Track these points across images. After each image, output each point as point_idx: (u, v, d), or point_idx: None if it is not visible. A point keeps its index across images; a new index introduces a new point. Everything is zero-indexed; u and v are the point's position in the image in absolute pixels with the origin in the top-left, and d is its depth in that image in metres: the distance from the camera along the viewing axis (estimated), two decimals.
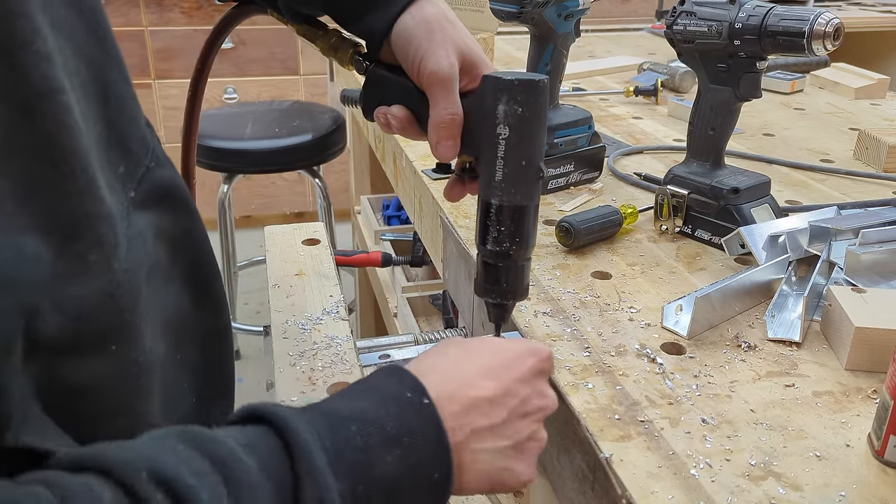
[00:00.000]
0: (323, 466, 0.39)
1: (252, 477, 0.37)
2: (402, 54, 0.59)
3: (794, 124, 1.33)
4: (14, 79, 0.35)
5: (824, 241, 0.75)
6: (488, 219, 0.59)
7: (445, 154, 0.59)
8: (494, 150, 0.57)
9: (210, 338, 0.57)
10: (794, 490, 0.49)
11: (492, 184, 0.58)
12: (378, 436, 0.42)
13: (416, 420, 0.44)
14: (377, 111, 0.63)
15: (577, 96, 1.49)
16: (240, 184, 2.92)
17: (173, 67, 3.00)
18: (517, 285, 0.61)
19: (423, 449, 0.43)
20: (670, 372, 0.61)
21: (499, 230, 0.58)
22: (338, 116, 1.99)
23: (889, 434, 0.50)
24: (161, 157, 0.52)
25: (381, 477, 0.41)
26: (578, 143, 0.98)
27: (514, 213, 0.58)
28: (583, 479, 0.55)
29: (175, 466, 0.35)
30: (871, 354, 0.61)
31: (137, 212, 0.46)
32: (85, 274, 0.38)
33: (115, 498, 0.33)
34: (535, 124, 0.57)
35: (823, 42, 0.71)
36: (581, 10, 0.91)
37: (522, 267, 0.61)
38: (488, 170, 0.58)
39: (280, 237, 1.01)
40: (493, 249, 0.59)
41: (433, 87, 0.58)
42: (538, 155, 0.58)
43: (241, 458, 0.38)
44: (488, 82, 0.57)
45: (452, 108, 0.58)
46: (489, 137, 0.57)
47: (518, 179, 0.57)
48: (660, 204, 0.86)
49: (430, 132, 0.59)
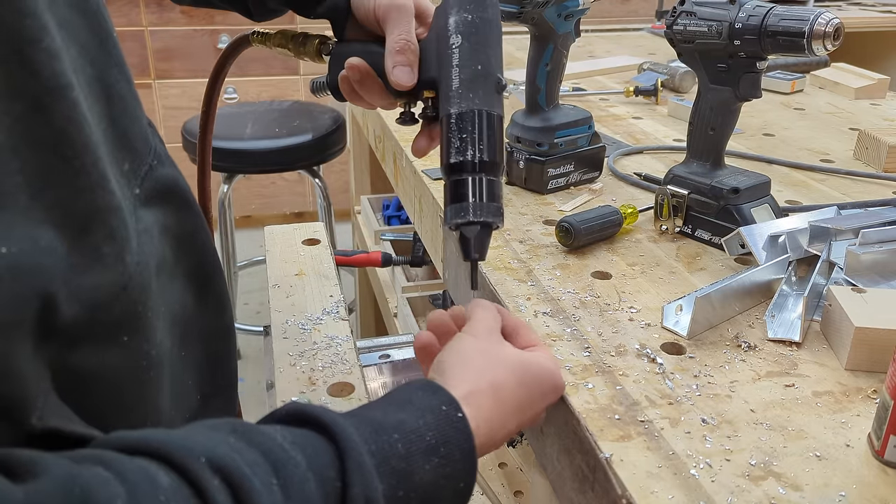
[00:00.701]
0: (370, 468, 0.41)
1: (300, 470, 0.38)
2: (361, 7, 0.61)
3: (794, 124, 1.33)
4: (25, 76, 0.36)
5: (824, 241, 0.75)
6: (450, 131, 0.56)
7: (402, 78, 0.59)
8: (450, 61, 0.57)
9: (213, 336, 0.57)
10: (794, 490, 0.49)
11: (449, 94, 0.57)
12: (418, 444, 0.44)
13: (452, 432, 0.46)
14: (339, 81, 0.63)
15: (577, 96, 1.49)
16: (240, 184, 2.92)
17: (173, 67, 3.00)
18: (489, 202, 0.55)
19: (458, 459, 0.46)
20: (670, 372, 0.61)
21: (461, 138, 0.55)
22: (338, 116, 1.99)
23: (889, 434, 0.50)
24: (163, 155, 0.53)
25: (418, 483, 0.43)
26: (578, 143, 0.98)
27: (476, 118, 0.55)
28: (583, 479, 0.55)
29: (230, 455, 0.36)
30: (871, 354, 0.61)
31: (143, 208, 0.47)
32: (98, 266, 0.39)
33: (174, 483, 0.34)
34: (486, 30, 0.57)
35: (823, 42, 0.71)
36: (581, 10, 0.91)
37: (492, 182, 0.56)
38: (446, 83, 0.57)
39: (280, 237, 1.01)
40: (456, 161, 0.55)
41: (388, 16, 0.59)
42: (495, 64, 0.57)
43: (289, 452, 0.39)
44: (439, 7, 0.59)
45: (406, 35, 0.59)
46: (445, 52, 0.57)
47: (475, 84, 0.56)
48: (660, 204, 0.86)
49: (387, 60, 0.59)
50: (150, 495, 0.33)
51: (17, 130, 0.35)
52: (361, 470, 0.41)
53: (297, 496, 0.38)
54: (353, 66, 0.60)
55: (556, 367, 0.56)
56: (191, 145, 1.80)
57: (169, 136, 3.04)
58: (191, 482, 0.35)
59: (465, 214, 0.56)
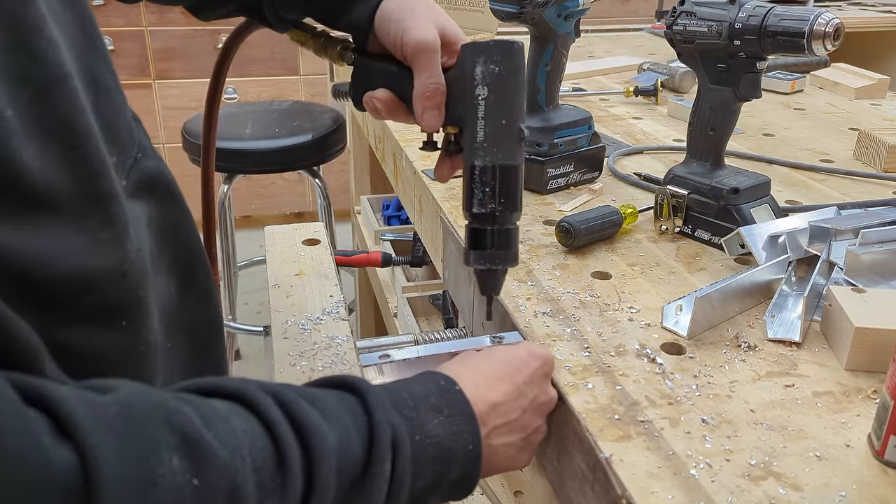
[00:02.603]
0: (390, 406, 0.47)
1: (332, 402, 0.45)
2: (385, 34, 0.62)
3: (794, 124, 1.33)
4: (32, 64, 0.37)
5: (824, 241, 0.75)
6: (473, 182, 0.59)
7: (430, 123, 0.61)
8: (475, 112, 0.58)
9: (199, 328, 0.59)
10: (794, 490, 0.49)
11: (474, 146, 0.59)
12: (424, 403, 0.50)
13: (452, 399, 0.51)
14: (364, 98, 0.64)
15: (577, 96, 1.49)
16: (240, 184, 2.92)
17: (173, 67, 3.00)
18: (506, 249, 0.60)
19: (460, 421, 0.50)
20: (670, 372, 0.61)
21: (483, 191, 0.58)
22: (338, 116, 1.99)
23: (889, 434, 0.50)
24: (148, 148, 0.54)
25: (430, 432, 0.49)
26: (578, 143, 0.98)
27: (498, 173, 0.58)
28: (583, 479, 0.55)
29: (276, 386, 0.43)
30: (871, 354, 0.61)
31: (130, 200, 0.48)
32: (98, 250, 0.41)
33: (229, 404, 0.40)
34: (512, 83, 0.58)
35: (823, 42, 0.71)
36: (581, 10, 0.91)
37: (510, 230, 0.60)
38: (470, 133, 0.59)
39: (280, 237, 1.01)
40: (478, 212, 0.59)
41: (417, 57, 0.60)
42: (518, 115, 0.59)
43: (320, 393, 0.46)
44: (466, 48, 0.59)
45: (435, 78, 0.60)
46: (470, 101, 0.58)
47: (499, 139, 0.58)
48: (660, 204, 0.86)
49: (415, 103, 0.61)
50: (214, 408, 0.39)
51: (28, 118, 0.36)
52: (382, 406, 0.46)
53: (331, 418, 0.44)
54: (381, 99, 0.63)
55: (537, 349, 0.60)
56: (191, 145, 1.80)
57: (169, 135, 3.04)
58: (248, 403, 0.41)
59: (485, 262, 0.60)
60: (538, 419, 0.57)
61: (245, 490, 0.37)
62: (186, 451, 0.35)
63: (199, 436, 0.36)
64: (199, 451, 0.35)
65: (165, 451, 0.34)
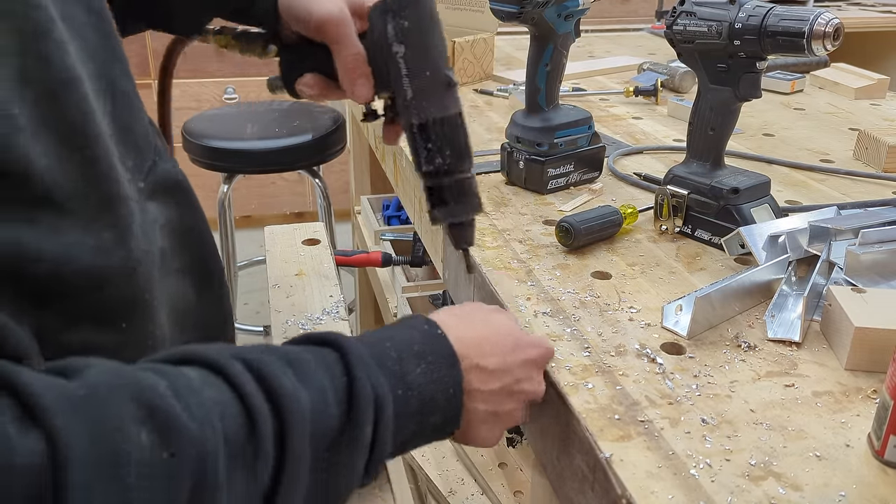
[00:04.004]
0: (372, 364, 0.47)
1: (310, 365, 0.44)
2: (294, 20, 0.62)
3: (794, 124, 1.33)
4: (40, 66, 0.38)
5: (824, 241, 0.75)
6: (415, 141, 0.59)
7: (362, 94, 0.61)
8: (398, 71, 0.58)
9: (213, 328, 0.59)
10: (794, 490, 0.49)
11: (405, 104, 0.59)
12: (407, 351, 0.50)
13: (435, 344, 0.51)
14: (296, 86, 0.65)
15: (577, 96, 1.49)
16: (240, 184, 2.92)
17: None
18: (467, 199, 0.61)
19: (441, 366, 0.51)
20: (670, 372, 0.61)
21: (427, 148, 0.59)
22: (338, 116, 1.99)
23: (889, 434, 0.50)
24: (164, 151, 0.54)
25: (413, 383, 0.49)
26: (578, 143, 0.98)
27: (437, 126, 0.58)
28: (583, 479, 0.55)
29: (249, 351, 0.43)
30: (871, 354, 0.61)
31: (148, 201, 0.50)
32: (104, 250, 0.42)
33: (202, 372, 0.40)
34: (426, 34, 0.58)
35: (823, 42, 0.71)
36: (581, 10, 0.91)
37: (465, 180, 0.60)
38: (399, 92, 0.59)
39: (280, 237, 1.01)
40: (428, 169, 0.59)
41: (328, 34, 0.60)
42: (441, 63, 0.59)
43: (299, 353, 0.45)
44: (373, 10, 0.59)
45: (353, 49, 0.60)
46: (391, 62, 0.58)
47: (428, 92, 0.58)
48: (660, 204, 0.86)
49: (342, 78, 0.61)
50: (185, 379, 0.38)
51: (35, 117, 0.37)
52: (364, 364, 0.46)
53: (308, 382, 0.43)
54: (309, 84, 0.64)
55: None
56: (191, 145, 1.80)
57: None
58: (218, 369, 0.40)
59: (450, 216, 0.61)
60: (513, 402, 0.57)
61: (215, 460, 0.37)
62: (155, 426, 0.35)
63: (168, 409, 0.36)
64: (168, 424, 0.35)
65: (133, 427, 0.34)
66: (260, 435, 0.39)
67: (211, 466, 0.36)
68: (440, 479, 1.24)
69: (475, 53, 1.56)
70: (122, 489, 0.32)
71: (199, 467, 0.36)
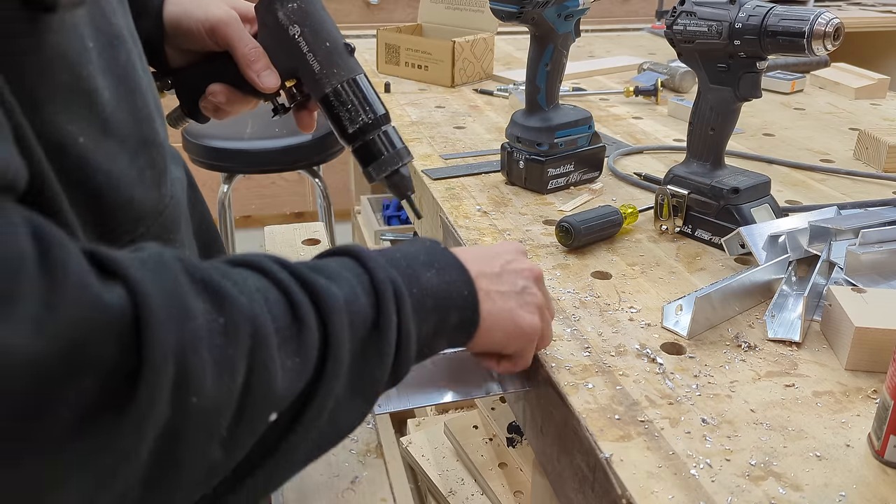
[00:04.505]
0: (387, 266, 0.48)
1: (333, 266, 0.46)
2: (186, 32, 0.65)
3: (794, 124, 1.33)
4: (104, 21, 0.45)
5: (824, 241, 0.75)
6: (334, 109, 0.63)
7: (269, 82, 0.65)
8: (300, 50, 0.63)
9: None
10: (795, 490, 0.49)
11: (316, 79, 0.63)
12: (416, 260, 0.51)
13: (441, 254, 0.53)
14: (201, 104, 0.67)
15: (577, 96, 1.49)
16: (240, 184, 2.92)
17: None
18: (395, 147, 0.65)
19: (451, 271, 0.52)
20: (670, 372, 0.61)
21: (347, 110, 0.63)
22: None
23: (889, 434, 0.50)
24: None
25: (427, 284, 0.50)
26: (578, 143, 0.98)
27: (350, 88, 0.63)
28: (583, 480, 0.55)
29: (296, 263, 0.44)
30: (871, 354, 0.61)
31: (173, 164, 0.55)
32: (145, 186, 0.47)
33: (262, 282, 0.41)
34: (315, 10, 0.63)
35: (823, 42, 0.71)
36: (581, 10, 0.91)
37: (388, 131, 0.65)
38: (307, 70, 0.63)
39: (280, 237, 1.01)
40: (353, 130, 0.64)
41: (223, 34, 0.64)
42: (335, 32, 0.64)
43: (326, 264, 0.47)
44: (259, 7, 0.63)
45: (250, 43, 0.64)
46: (290, 45, 0.63)
47: (332, 60, 0.63)
48: (660, 204, 0.86)
49: (247, 73, 0.65)
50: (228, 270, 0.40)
51: (102, 57, 0.44)
52: (380, 265, 0.48)
53: (336, 279, 0.45)
54: (217, 92, 0.66)
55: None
56: (191, 145, 1.80)
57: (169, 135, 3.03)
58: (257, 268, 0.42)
59: (387, 167, 0.65)
60: (522, 279, 0.57)
61: (266, 332, 0.38)
62: (209, 297, 0.37)
63: (219, 284, 0.37)
64: (221, 296, 0.37)
65: (192, 292, 0.36)
66: (302, 319, 0.41)
67: (263, 335, 0.38)
68: (440, 479, 1.24)
69: (475, 53, 1.56)
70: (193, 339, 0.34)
71: (253, 335, 0.37)
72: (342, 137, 0.65)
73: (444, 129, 1.24)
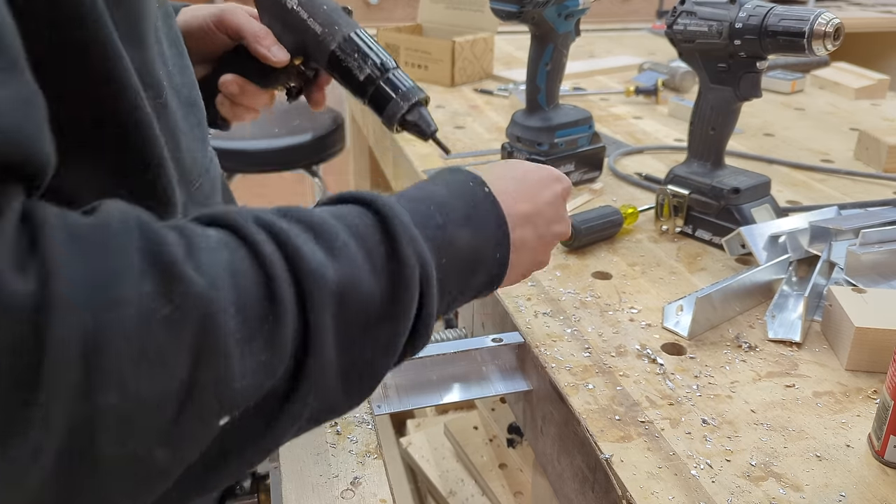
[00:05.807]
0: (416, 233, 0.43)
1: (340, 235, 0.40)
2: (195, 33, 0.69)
3: (795, 124, 1.32)
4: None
5: (825, 241, 0.75)
6: (343, 63, 0.66)
7: (280, 55, 0.67)
8: (301, 19, 0.66)
9: None
10: (795, 490, 0.49)
11: (319, 40, 0.66)
12: (454, 213, 0.47)
13: (482, 202, 0.49)
14: (217, 100, 0.70)
15: (578, 96, 1.49)
16: (239, 183, 2.92)
17: None
18: (408, 86, 0.67)
19: (489, 227, 0.48)
20: (671, 372, 0.61)
21: (356, 60, 0.66)
22: (337, 116, 1.99)
23: (889, 434, 0.50)
24: None
25: (459, 246, 0.46)
26: (579, 142, 0.98)
27: (354, 40, 0.66)
28: (583, 480, 0.55)
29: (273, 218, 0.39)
30: (871, 354, 0.61)
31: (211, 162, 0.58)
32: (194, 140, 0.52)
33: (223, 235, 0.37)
34: None
35: (823, 42, 0.71)
36: (581, 9, 0.91)
37: (397, 72, 0.67)
38: (311, 36, 0.66)
39: None
40: (365, 77, 0.66)
41: (231, 21, 0.68)
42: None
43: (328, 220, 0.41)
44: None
45: (256, 24, 0.68)
46: (291, 18, 0.66)
47: (332, 20, 0.66)
48: (660, 204, 0.86)
49: (257, 51, 0.67)
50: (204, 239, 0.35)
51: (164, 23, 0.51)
52: (407, 231, 0.42)
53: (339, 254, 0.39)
54: (229, 82, 0.69)
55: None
56: None
57: None
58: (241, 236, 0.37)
59: (403, 104, 0.66)
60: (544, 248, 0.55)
61: (220, 322, 0.34)
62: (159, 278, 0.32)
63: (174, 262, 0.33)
64: (174, 277, 0.33)
65: (135, 274, 0.32)
66: (278, 310, 0.36)
67: (214, 326, 0.33)
68: (440, 480, 1.24)
69: (475, 53, 1.56)
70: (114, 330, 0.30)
71: (201, 325, 0.33)
72: (355, 92, 0.67)
73: (445, 129, 1.24)
